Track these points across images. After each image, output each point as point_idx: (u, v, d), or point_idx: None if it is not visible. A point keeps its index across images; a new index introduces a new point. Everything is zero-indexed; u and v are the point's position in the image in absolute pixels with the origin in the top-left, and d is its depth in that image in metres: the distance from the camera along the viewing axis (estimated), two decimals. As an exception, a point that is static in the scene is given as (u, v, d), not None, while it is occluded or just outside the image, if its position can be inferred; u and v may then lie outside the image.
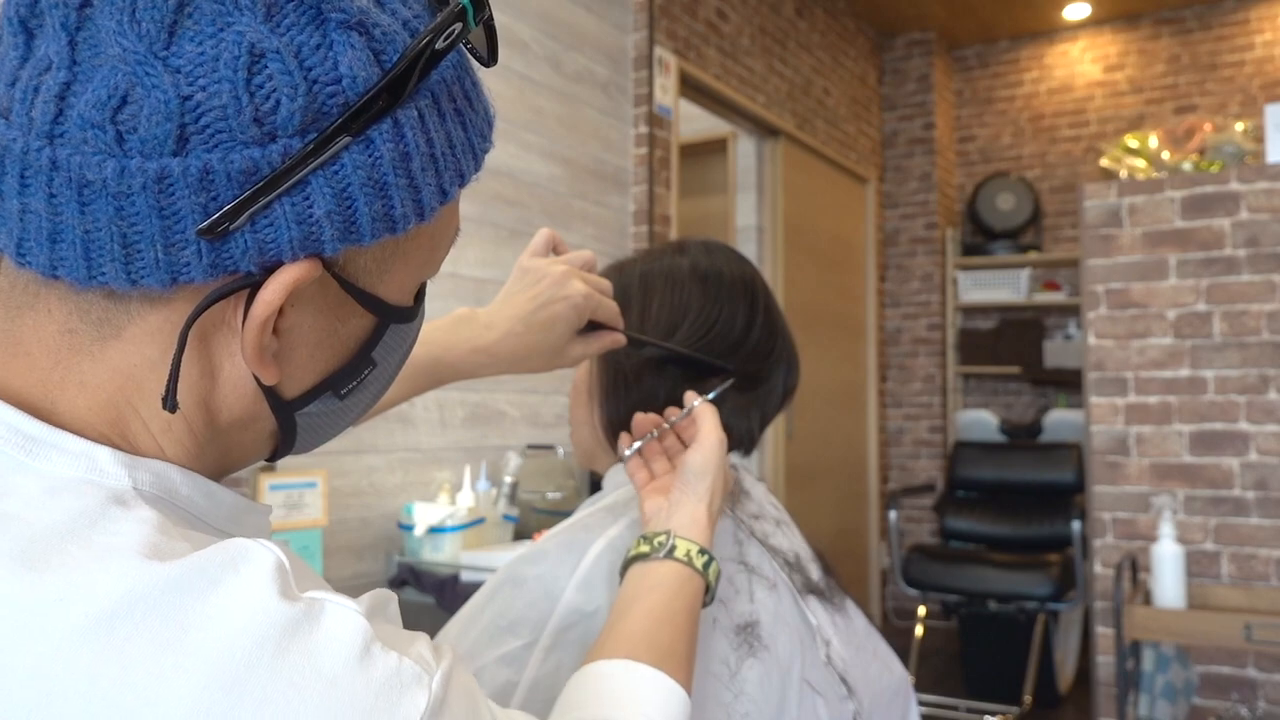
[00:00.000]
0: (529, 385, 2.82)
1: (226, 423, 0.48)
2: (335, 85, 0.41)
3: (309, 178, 0.41)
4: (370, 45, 0.42)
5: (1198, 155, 2.75)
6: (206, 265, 0.42)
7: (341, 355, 0.49)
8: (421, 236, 0.49)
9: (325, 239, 0.43)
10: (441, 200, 0.46)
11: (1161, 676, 2.46)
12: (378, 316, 0.49)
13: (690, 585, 0.72)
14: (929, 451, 5.17)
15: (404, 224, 0.45)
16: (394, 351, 0.53)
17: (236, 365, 0.46)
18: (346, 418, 0.55)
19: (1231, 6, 4.87)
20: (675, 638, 0.69)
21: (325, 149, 0.41)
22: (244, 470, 2.09)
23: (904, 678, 1.00)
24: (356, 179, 0.42)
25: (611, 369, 0.93)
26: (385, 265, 0.48)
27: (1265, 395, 2.52)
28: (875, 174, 5.18)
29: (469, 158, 0.48)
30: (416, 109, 0.44)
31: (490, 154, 0.51)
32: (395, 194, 0.44)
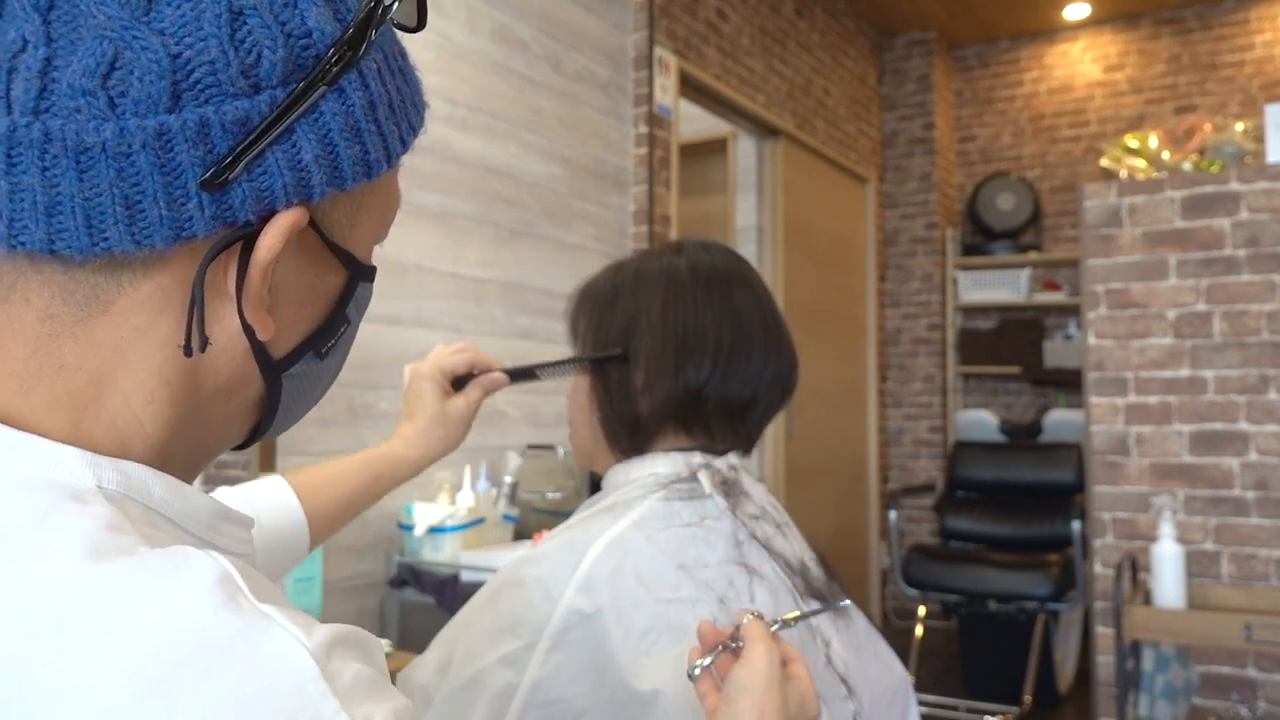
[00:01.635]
0: (529, 385, 2.82)
1: (211, 390, 0.49)
2: (307, 38, 0.44)
3: (295, 125, 0.44)
4: (329, 5, 0.46)
5: (1198, 155, 2.75)
6: (209, 217, 0.43)
7: (321, 312, 0.51)
8: (380, 193, 0.52)
9: (314, 184, 0.45)
10: (401, 148, 0.50)
11: (1161, 676, 2.46)
12: (350, 272, 0.52)
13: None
14: (929, 451, 5.17)
15: (377, 169, 0.48)
16: (360, 312, 0.55)
17: (227, 327, 0.47)
18: (318, 388, 0.56)
19: (1231, 6, 4.87)
20: None
21: (306, 98, 0.44)
22: (242, 471, 2.09)
23: (904, 678, 1.00)
24: (336, 125, 0.45)
25: (602, 369, 0.93)
26: (354, 219, 0.50)
27: (1265, 395, 2.52)
28: (875, 174, 5.18)
29: (416, 113, 0.52)
30: (374, 62, 0.47)
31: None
32: (369, 139, 0.47)
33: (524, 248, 2.82)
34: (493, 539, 2.37)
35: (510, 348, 2.76)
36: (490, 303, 2.70)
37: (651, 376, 0.91)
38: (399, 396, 2.41)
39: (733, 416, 0.93)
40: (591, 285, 0.99)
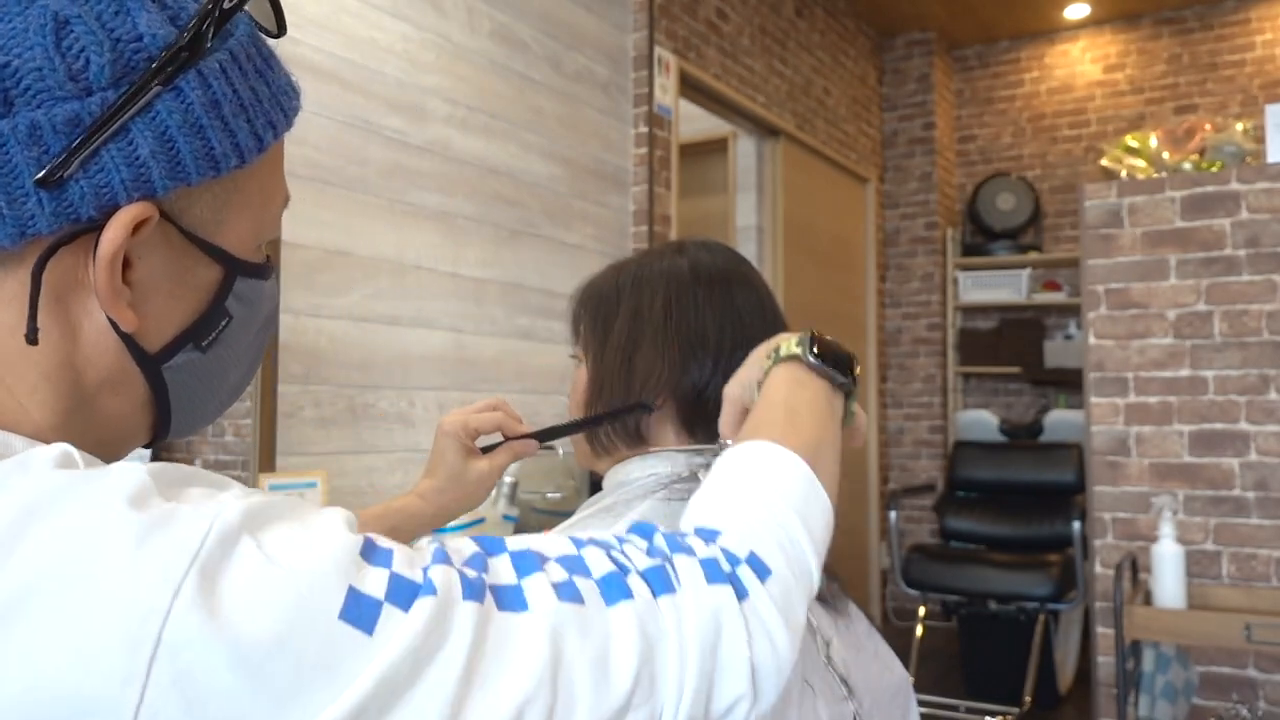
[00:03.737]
0: (529, 385, 2.82)
1: (95, 383, 0.51)
2: (138, 43, 0.47)
3: (129, 124, 0.47)
4: (164, 11, 0.49)
5: (1198, 155, 2.75)
6: (50, 214, 0.46)
7: (196, 306, 0.53)
8: (251, 188, 0.54)
9: (154, 178, 0.48)
10: (258, 145, 0.52)
11: (1161, 676, 2.46)
12: (224, 266, 0.54)
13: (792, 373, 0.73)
14: (929, 451, 5.16)
15: (225, 163, 0.50)
16: (251, 307, 0.57)
17: (95, 322, 0.50)
18: (217, 383, 0.57)
19: (1232, 6, 4.87)
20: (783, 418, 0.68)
21: (139, 97, 0.47)
22: (242, 471, 2.09)
23: (904, 678, 1.00)
24: (173, 122, 0.48)
25: (603, 369, 0.93)
26: (221, 215, 0.52)
27: (1265, 395, 2.52)
28: (875, 174, 5.18)
29: (278, 112, 0.54)
30: (218, 63, 0.50)
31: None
32: (212, 135, 0.49)
33: (524, 248, 2.82)
34: (493, 539, 2.36)
35: (510, 348, 2.76)
36: (490, 303, 2.70)
37: (653, 376, 0.91)
38: (399, 396, 2.41)
39: (733, 416, 0.93)
40: (593, 285, 0.98)
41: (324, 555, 0.44)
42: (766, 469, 0.63)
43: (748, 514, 0.60)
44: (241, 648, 0.39)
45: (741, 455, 0.65)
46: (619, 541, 0.56)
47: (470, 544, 0.52)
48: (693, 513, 0.62)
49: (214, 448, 2.08)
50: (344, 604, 0.42)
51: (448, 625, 0.45)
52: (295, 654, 0.40)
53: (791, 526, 0.60)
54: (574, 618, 0.49)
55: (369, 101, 2.37)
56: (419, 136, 2.50)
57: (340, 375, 2.28)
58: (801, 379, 0.72)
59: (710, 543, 0.57)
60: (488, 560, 0.50)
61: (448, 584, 0.46)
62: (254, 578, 0.41)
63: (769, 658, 0.55)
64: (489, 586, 0.48)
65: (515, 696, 0.45)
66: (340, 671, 0.41)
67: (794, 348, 0.73)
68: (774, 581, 0.57)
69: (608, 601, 0.51)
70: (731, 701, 0.54)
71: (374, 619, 0.43)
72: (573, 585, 0.51)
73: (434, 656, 0.44)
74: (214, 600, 0.40)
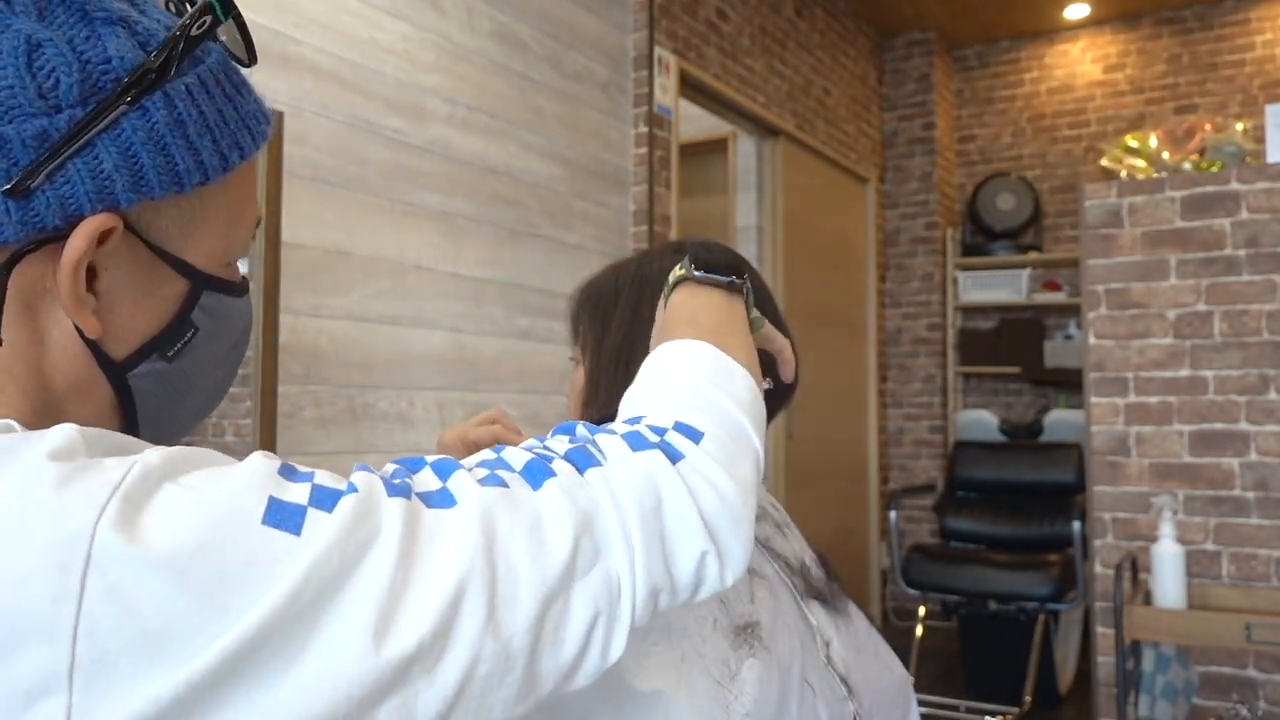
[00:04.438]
0: (529, 385, 2.82)
1: (63, 388, 0.53)
2: (106, 64, 0.50)
3: (95, 140, 0.50)
4: (134, 37, 0.52)
5: (1198, 155, 2.75)
6: (16, 223, 0.49)
7: (162, 317, 0.56)
8: (218, 206, 0.56)
9: (118, 190, 0.50)
10: (222, 164, 0.54)
11: (1161, 676, 2.46)
12: (190, 280, 0.56)
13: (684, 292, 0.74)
14: (929, 451, 5.16)
15: (189, 179, 0.52)
16: (220, 322, 0.59)
17: (63, 329, 0.52)
18: (185, 392, 0.59)
19: (1232, 6, 4.87)
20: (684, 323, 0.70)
21: (106, 115, 0.50)
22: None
23: (904, 678, 1.00)
24: (138, 139, 0.51)
25: (601, 369, 0.93)
26: (187, 230, 0.55)
27: (1265, 395, 2.52)
28: (875, 174, 5.18)
29: (245, 134, 0.56)
30: (185, 85, 0.52)
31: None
32: (176, 152, 0.52)
33: (524, 248, 2.82)
34: (493, 539, 2.37)
35: (510, 348, 2.76)
36: (490, 303, 2.70)
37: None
38: (399, 396, 2.41)
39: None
40: (593, 285, 0.98)
41: (239, 477, 0.46)
42: (676, 358, 0.65)
43: (666, 394, 0.62)
44: (165, 555, 0.41)
45: (652, 357, 0.67)
46: (540, 440, 0.58)
47: (391, 464, 0.54)
48: (619, 412, 0.63)
49: (214, 447, 2.08)
50: (265, 511, 0.44)
51: (376, 520, 0.46)
52: (218, 557, 0.42)
53: (713, 396, 0.61)
54: (501, 499, 0.50)
55: (369, 101, 2.37)
56: (419, 136, 2.50)
57: (340, 375, 2.28)
58: (692, 292, 0.74)
59: (634, 424, 0.59)
60: (411, 473, 0.52)
61: (370, 485, 0.48)
62: (173, 502, 0.43)
63: (719, 508, 0.55)
64: (415, 492, 0.50)
65: (452, 576, 0.46)
66: (270, 569, 0.43)
67: (679, 272, 0.75)
68: (707, 440, 0.57)
69: (534, 485, 0.52)
70: (695, 561, 0.54)
71: (299, 521, 0.45)
72: (496, 476, 0.52)
73: (365, 550, 0.45)
74: (137, 521, 0.42)
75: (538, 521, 0.50)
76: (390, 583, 0.45)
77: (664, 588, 0.54)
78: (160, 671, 0.41)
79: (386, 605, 0.44)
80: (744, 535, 0.56)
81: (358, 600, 0.44)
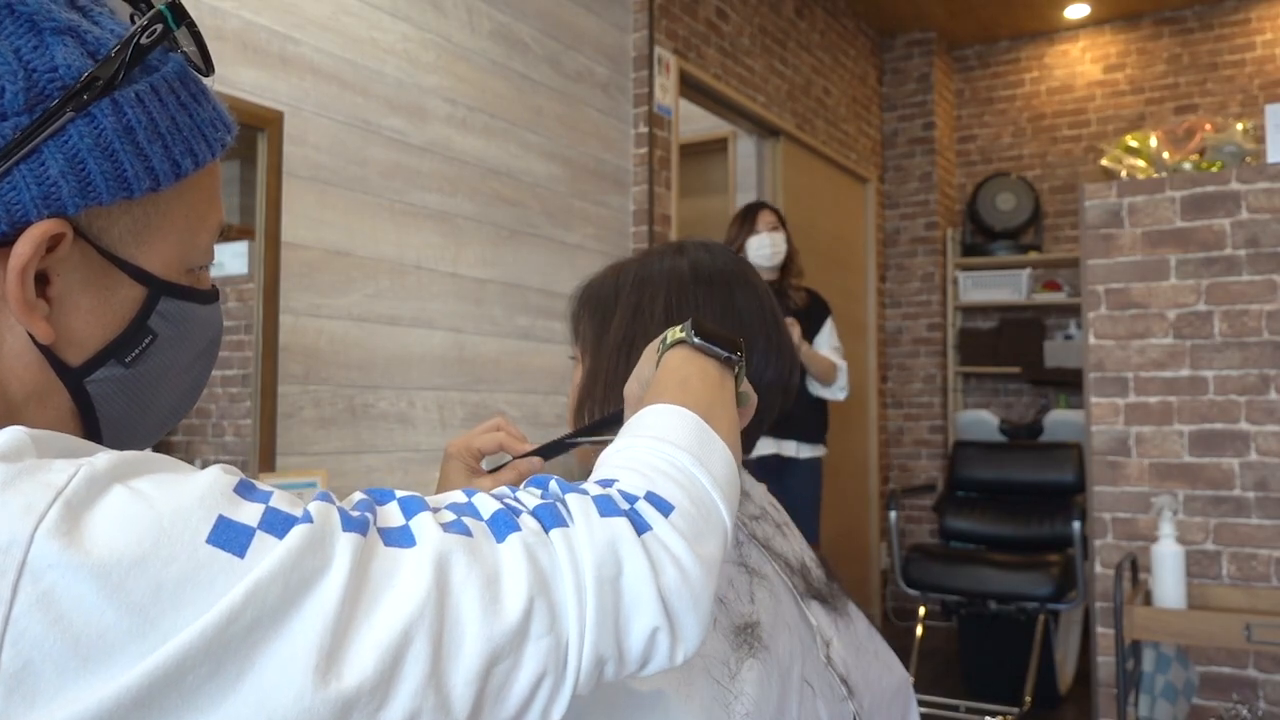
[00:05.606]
0: (529, 385, 2.82)
1: (21, 395, 0.53)
2: (52, 73, 0.50)
3: (41, 147, 0.50)
4: (83, 46, 0.52)
5: (1198, 155, 2.75)
6: None
7: (117, 323, 0.55)
8: (175, 212, 0.56)
9: (64, 196, 0.50)
10: (174, 171, 0.54)
11: (1162, 677, 2.46)
12: (146, 286, 0.56)
13: (680, 354, 0.74)
14: (929, 451, 5.16)
15: (139, 185, 0.52)
16: (182, 329, 0.58)
17: (16, 334, 0.52)
18: (148, 401, 0.59)
19: (1232, 6, 4.87)
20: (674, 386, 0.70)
21: (51, 122, 0.50)
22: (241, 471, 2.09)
23: (904, 678, 1.00)
24: (84, 145, 0.51)
25: (602, 369, 0.93)
26: (143, 237, 0.55)
27: (1265, 395, 2.52)
28: (875, 174, 5.18)
29: (200, 141, 0.56)
30: (135, 93, 0.52)
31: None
32: (124, 159, 0.52)
33: (524, 248, 2.82)
34: (493, 539, 2.36)
35: (510, 348, 2.76)
36: (490, 303, 2.70)
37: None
38: (399, 396, 2.41)
39: (733, 416, 0.92)
40: (593, 285, 0.98)
41: (191, 490, 0.45)
42: (657, 423, 0.64)
43: (642, 460, 0.60)
44: (101, 566, 0.41)
45: (635, 418, 0.66)
46: (511, 490, 0.57)
47: (359, 494, 0.53)
48: (594, 471, 0.62)
49: (214, 448, 2.08)
50: (212, 529, 0.43)
51: (326, 553, 0.45)
52: (156, 572, 0.41)
53: (688, 467, 0.60)
54: (460, 548, 0.49)
55: (369, 101, 2.37)
56: (419, 136, 2.50)
57: (340, 375, 2.28)
58: (688, 357, 0.73)
59: (606, 487, 0.57)
60: (375, 506, 0.51)
61: (325, 515, 0.47)
62: (118, 509, 0.42)
63: (679, 587, 0.54)
64: (376, 527, 0.48)
65: (399, 622, 0.45)
66: (208, 590, 0.42)
67: (679, 334, 0.75)
68: (677, 515, 0.56)
69: (497, 537, 0.51)
70: (646, 635, 0.53)
71: (245, 543, 0.43)
72: (461, 523, 0.51)
73: (311, 583, 0.44)
74: (77, 528, 0.41)
75: (495, 576, 0.49)
76: (335, 620, 0.43)
77: (611, 658, 0.53)
78: (85, 685, 0.40)
79: (330, 643, 0.43)
80: (702, 614, 0.55)
81: (300, 634, 0.43)
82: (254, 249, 2.10)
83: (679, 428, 0.63)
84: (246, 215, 2.10)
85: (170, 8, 0.54)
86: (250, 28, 2.10)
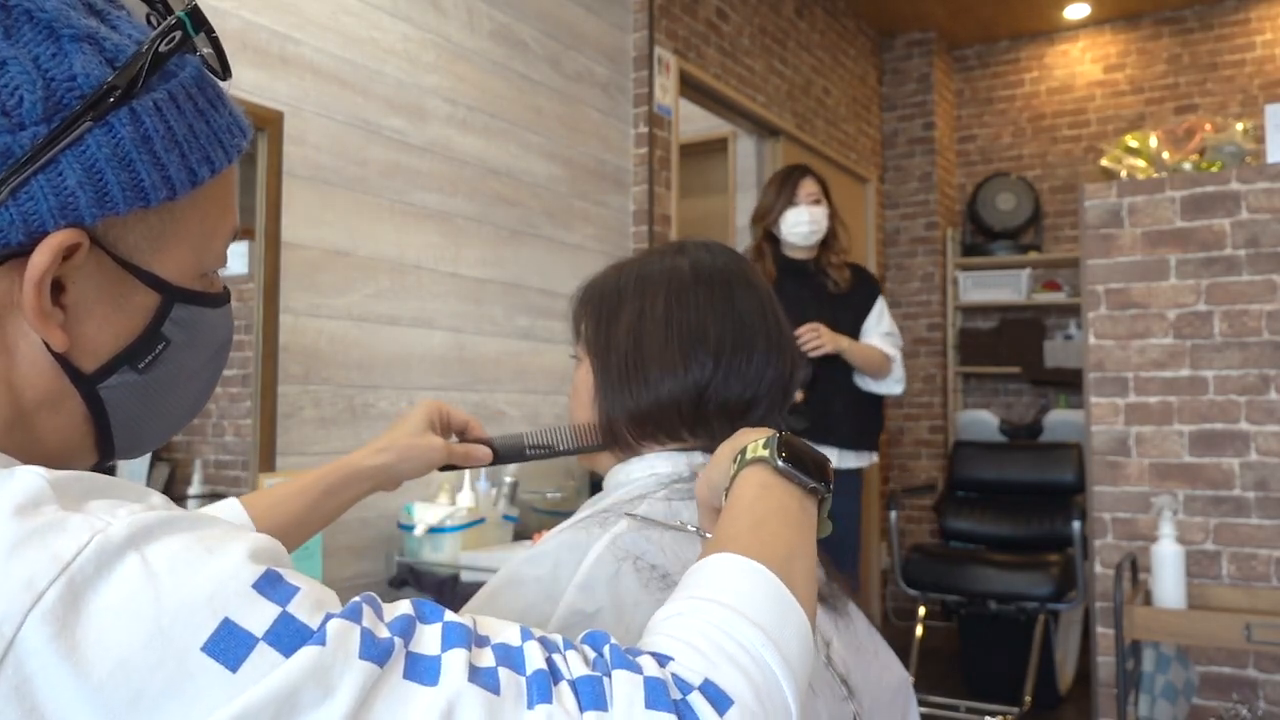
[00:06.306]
0: (528, 385, 2.82)
1: (33, 401, 0.53)
2: (71, 82, 0.50)
3: (59, 157, 0.49)
4: (102, 54, 0.51)
5: (1198, 155, 2.75)
6: None
7: (132, 329, 0.55)
8: (190, 219, 0.56)
9: (82, 207, 0.50)
10: (191, 179, 0.54)
11: (1162, 677, 2.46)
12: (161, 293, 0.55)
13: (759, 477, 0.66)
14: (929, 451, 5.16)
15: (155, 195, 0.52)
16: (195, 334, 0.58)
17: (31, 342, 0.52)
18: (160, 405, 0.58)
19: (1232, 6, 4.87)
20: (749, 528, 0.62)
21: (69, 132, 0.49)
22: (241, 471, 2.08)
23: (904, 678, 1.00)
24: (102, 155, 0.50)
25: (602, 369, 0.93)
26: (158, 244, 0.54)
27: (1265, 395, 2.52)
28: (875, 174, 5.18)
29: (216, 149, 0.56)
30: (153, 101, 0.52)
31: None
32: (141, 168, 0.51)
33: (524, 248, 2.82)
34: (493, 539, 2.37)
35: (510, 348, 2.76)
36: (490, 303, 2.70)
37: (654, 376, 0.91)
38: (399, 396, 2.41)
39: (734, 416, 0.92)
40: (593, 285, 0.98)
41: (205, 580, 0.43)
42: (730, 585, 0.56)
43: (706, 635, 0.52)
44: (84, 664, 0.39)
45: (702, 570, 0.58)
46: (565, 645, 0.51)
47: (405, 605, 0.49)
48: (649, 631, 0.56)
49: (214, 448, 2.08)
50: (212, 635, 0.41)
51: (330, 684, 0.42)
52: (139, 678, 0.40)
53: (758, 649, 0.52)
54: (481, 704, 0.44)
55: (369, 101, 2.37)
56: (419, 136, 2.50)
57: (340, 375, 2.28)
58: (769, 483, 0.65)
59: (663, 665, 0.50)
60: (416, 625, 0.47)
61: (343, 638, 0.43)
62: (121, 596, 0.41)
63: None
64: (406, 652, 0.45)
65: None
66: (191, 703, 0.40)
67: (760, 450, 0.67)
68: (735, 711, 0.49)
69: (528, 703, 0.46)
70: None
71: (242, 656, 0.41)
72: (495, 675, 0.46)
73: (307, 713, 0.41)
74: (72, 614, 0.40)
75: None
76: None
77: None
78: None
79: None
80: None
81: None
82: (254, 249, 2.10)
83: (752, 594, 0.55)
84: (246, 215, 2.10)
85: (189, 14, 0.53)
86: (250, 28, 2.10)
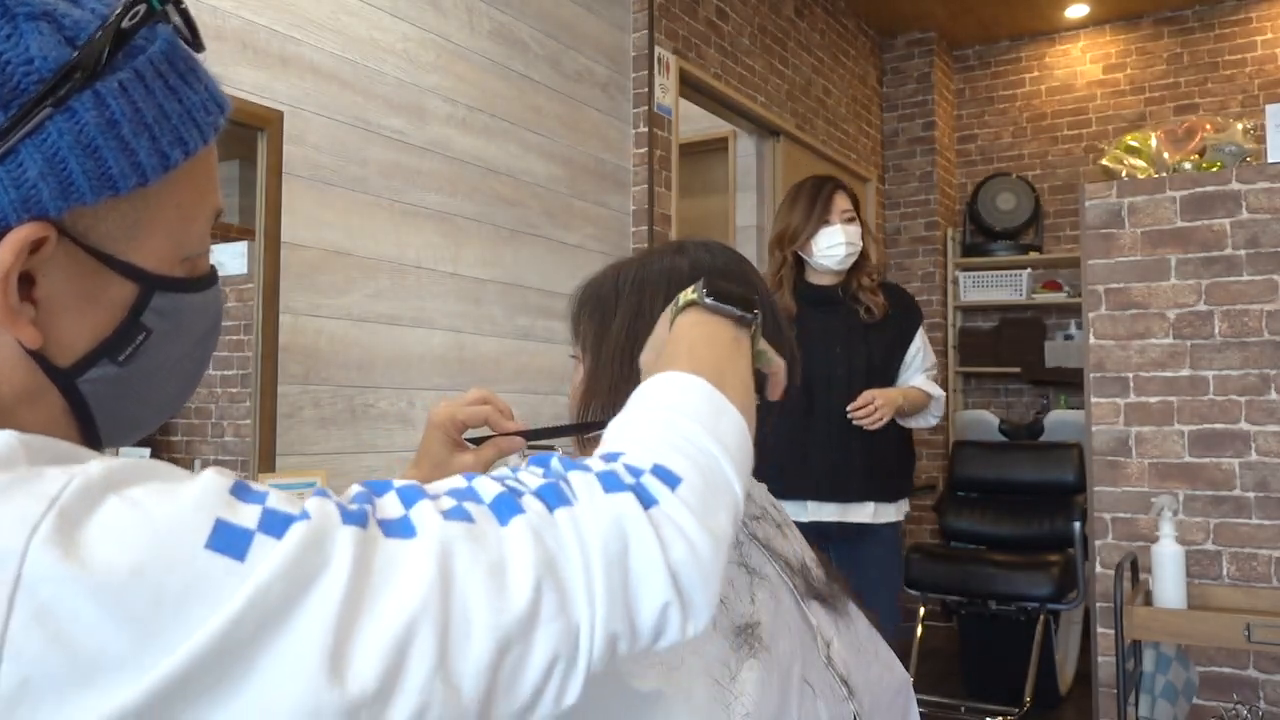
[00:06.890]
0: (529, 385, 2.81)
1: (11, 396, 0.51)
2: (28, 65, 0.46)
3: (18, 146, 0.46)
4: (61, 32, 0.48)
5: (1198, 155, 2.75)
6: None
7: (109, 321, 0.53)
8: (166, 204, 0.53)
9: (46, 199, 0.47)
10: (163, 163, 0.51)
11: (1162, 677, 2.46)
12: (138, 283, 0.53)
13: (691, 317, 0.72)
14: (929, 451, 5.16)
15: (125, 183, 0.49)
16: (178, 321, 0.56)
17: (4, 340, 0.50)
18: (145, 395, 0.57)
19: (1232, 6, 4.86)
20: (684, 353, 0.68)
21: (27, 120, 0.46)
22: (241, 472, 2.08)
23: (904, 678, 1.00)
24: (64, 143, 0.47)
25: (602, 368, 0.93)
26: (133, 232, 0.52)
27: (1265, 395, 2.52)
28: (875, 174, 5.18)
29: (190, 128, 0.52)
30: (118, 82, 0.49)
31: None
32: (108, 155, 0.48)
33: (524, 248, 2.82)
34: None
35: (510, 348, 2.76)
36: (490, 303, 2.70)
37: (652, 376, 0.91)
38: (399, 396, 2.41)
39: (733, 416, 0.92)
40: (593, 285, 0.98)
41: (187, 495, 0.43)
42: (667, 392, 0.62)
43: (649, 432, 0.58)
44: (98, 578, 0.39)
45: (643, 388, 0.64)
46: (513, 471, 0.55)
47: (356, 486, 0.51)
48: (601, 444, 0.60)
49: (214, 448, 2.08)
50: (210, 534, 0.42)
51: (327, 549, 0.44)
52: (155, 582, 0.40)
53: (698, 438, 0.58)
54: (463, 535, 0.47)
55: (369, 101, 2.37)
56: (419, 136, 2.50)
57: (340, 375, 2.28)
58: (699, 319, 0.71)
59: (611, 461, 0.56)
60: (373, 497, 0.50)
61: (324, 511, 0.45)
62: (114, 519, 0.41)
63: (688, 560, 0.52)
64: (376, 519, 0.47)
65: (402, 616, 0.44)
66: (210, 597, 0.41)
67: (690, 295, 0.73)
68: (685, 488, 0.54)
69: (500, 521, 0.50)
70: (658, 611, 0.52)
71: (245, 547, 0.42)
72: (462, 509, 0.49)
73: (313, 580, 0.43)
74: (72, 538, 0.40)
75: (500, 561, 0.48)
76: (338, 617, 0.43)
77: (623, 635, 0.51)
78: (86, 702, 0.39)
79: (334, 641, 0.42)
80: (711, 589, 0.54)
81: (304, 634, 0.42)
82: (254, 249, 2.10)
83: (688, 396, 0.61)
84: (246, 215, 2.10)
85: None
86: (250, 27, 2.10)
